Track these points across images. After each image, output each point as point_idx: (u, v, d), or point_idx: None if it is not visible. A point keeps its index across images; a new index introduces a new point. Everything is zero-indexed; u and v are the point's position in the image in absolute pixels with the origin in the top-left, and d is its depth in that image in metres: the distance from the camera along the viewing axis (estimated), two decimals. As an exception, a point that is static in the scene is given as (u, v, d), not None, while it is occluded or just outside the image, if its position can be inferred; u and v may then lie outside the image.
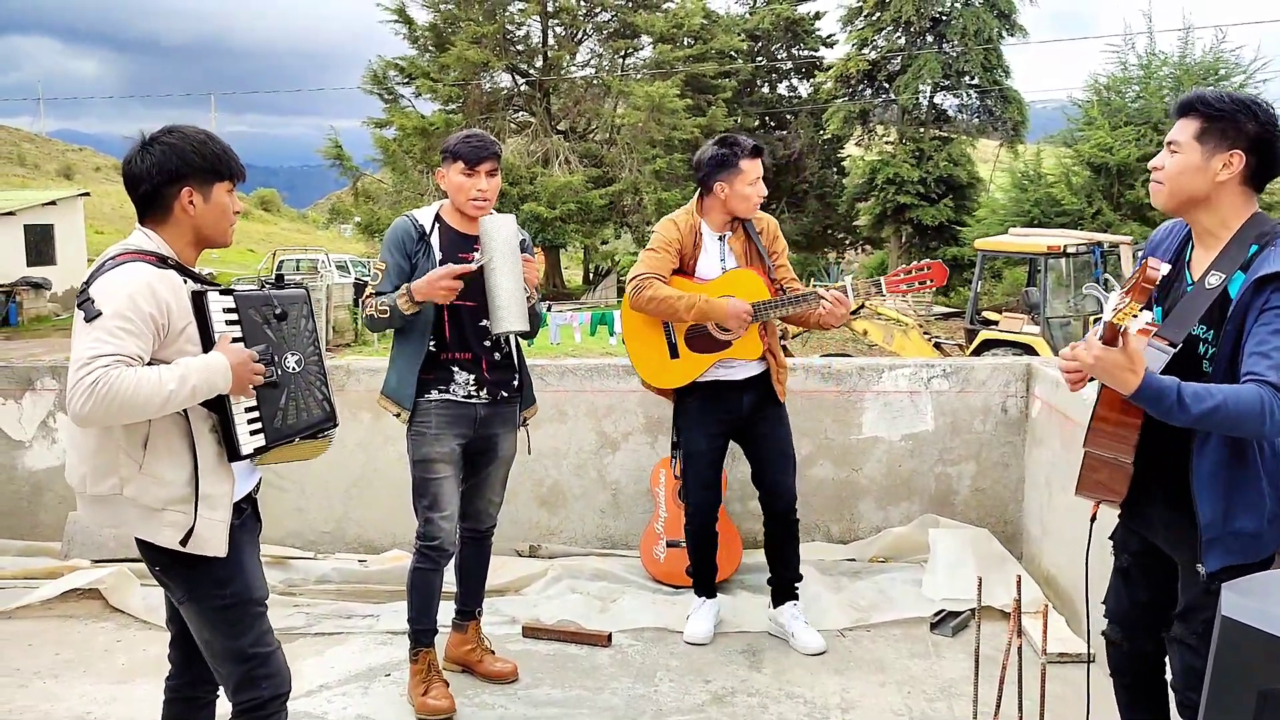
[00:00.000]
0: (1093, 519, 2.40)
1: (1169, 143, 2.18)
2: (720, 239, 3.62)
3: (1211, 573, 2.12)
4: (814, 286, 3.41)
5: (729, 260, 3.61)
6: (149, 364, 2.10)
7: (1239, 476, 2.10)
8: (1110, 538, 2.48)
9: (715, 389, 3.64)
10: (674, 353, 3.65)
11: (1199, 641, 2.15)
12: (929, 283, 3.18)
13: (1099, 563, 2.51)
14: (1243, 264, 2.09)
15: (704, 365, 3.60)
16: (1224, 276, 2.09)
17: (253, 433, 2.24)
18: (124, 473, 2.17)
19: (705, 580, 3.89)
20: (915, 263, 3.26)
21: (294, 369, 2.35)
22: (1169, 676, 2.38)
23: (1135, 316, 1.93)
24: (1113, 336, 1.96)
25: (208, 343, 2.19)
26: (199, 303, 2.20)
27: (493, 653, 3.56)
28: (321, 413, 2.43)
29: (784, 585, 3.79)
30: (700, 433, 3.69)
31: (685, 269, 3.63)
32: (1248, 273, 2.06)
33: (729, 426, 3.70)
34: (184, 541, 2.19)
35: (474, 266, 3.09)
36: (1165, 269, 2.01)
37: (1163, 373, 2.07)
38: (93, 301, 2.07)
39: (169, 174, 2.21)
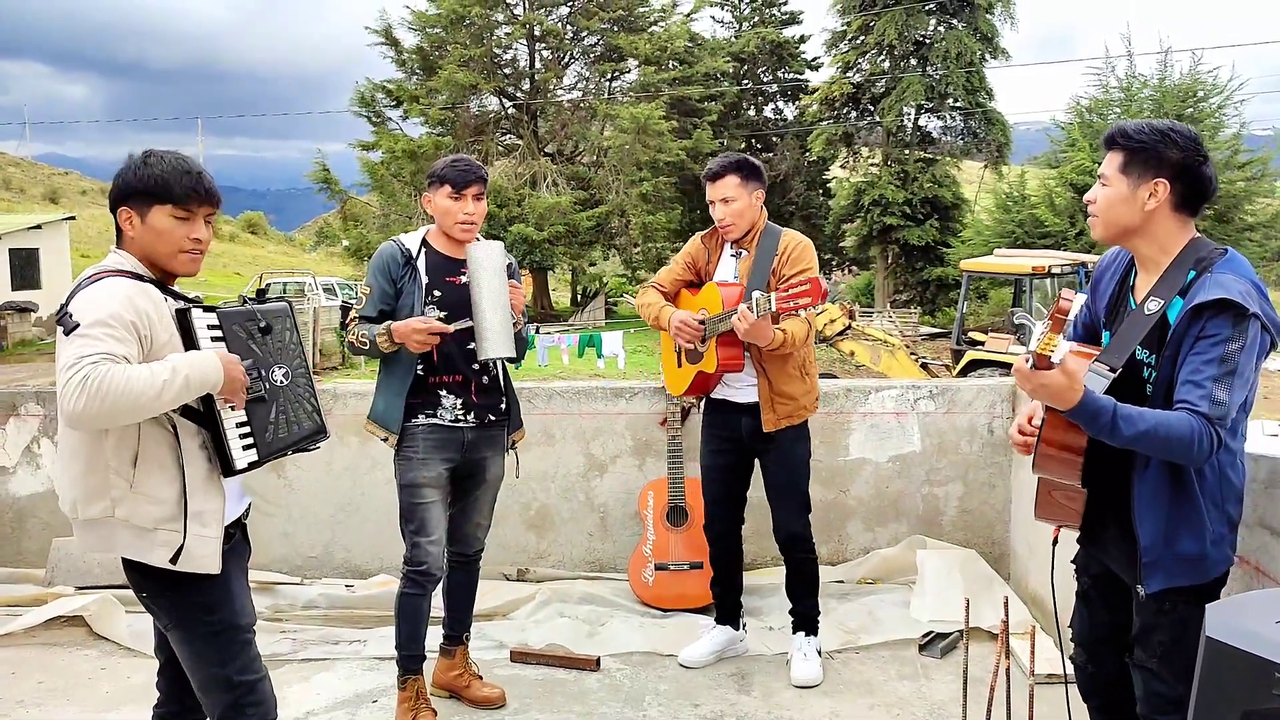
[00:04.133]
0: (1054, 542, 2.42)
1: (1099, 176, 2.23)
2: (735, 255, 3.64)
3: (1152, 594, 2.14)
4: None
5: (734, 275, 3.62)
6: None
7: (1180, 500, 2.12)
8: (1072, 561, 2.50)
9: (721, 407, 3.68)
10: (679, 361, 3.73)
11: (1159, 664, 2.16)
12: (807, 300, 3.13)
13: (1067, 586, 2.52)
14: (1181, 289, 2.11)
15: (689, 375, 3.64)
16: (1162, 302, 2.13)
17: (245, 448, 2.25)
18: (115, 493, 2.16)
19: (719, 601, 3.88)
20: (799, 278, 3.23)
21: (281, 382, 2.36)
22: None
23: (1056, 347, 1.97)
24: (1045, 364, 1.99)
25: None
26: (184, 320, 2.20)
27: (480, 678, 3.54)
28: (312, 424, 2.43)
29: (794, 616, 3.77)
30: (706, 448, 3.77)
31: (704, 280, 3.70)
32: (1185, 299, 2.09)
33: (732, 446, 3.68)
34: (174, 559, 2.17)
35: (453, 329, 3.10)
36: (1080, 300, 2.05)
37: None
38: (71, 315, 2.08)
39: (115, 195, 2.24)
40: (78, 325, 2.05)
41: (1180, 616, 2.10)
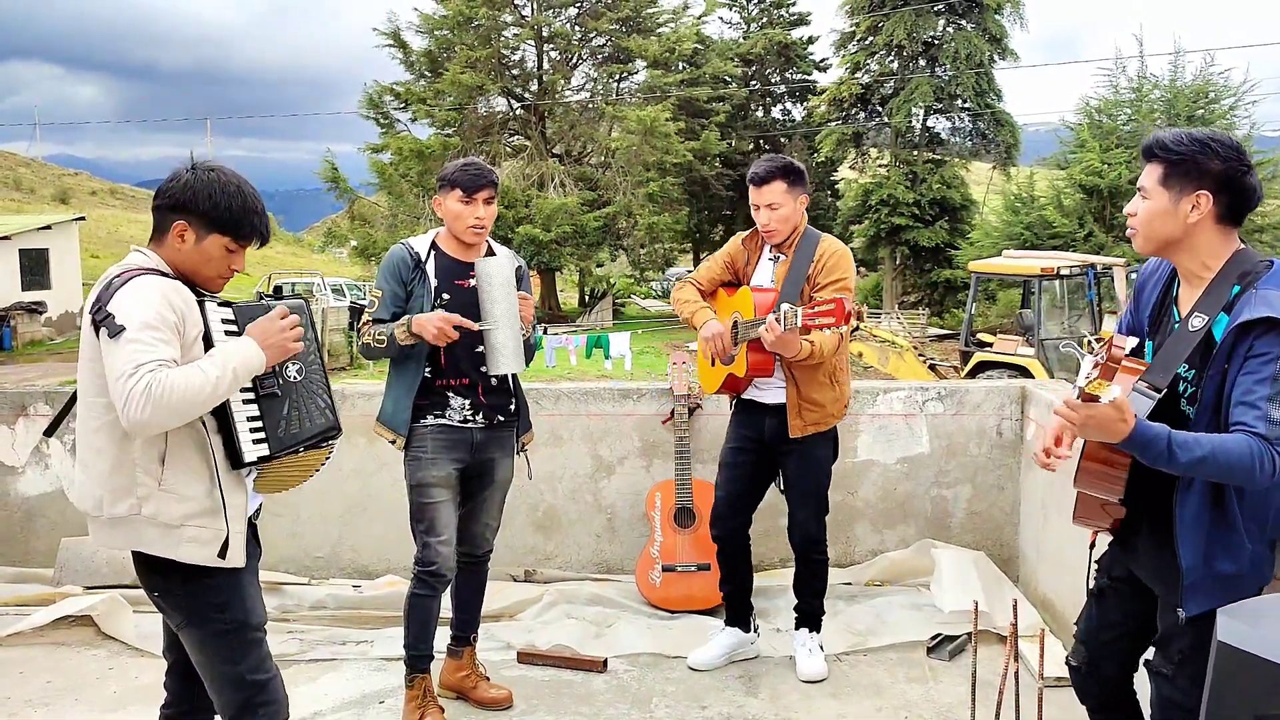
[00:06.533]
0: (1091, 545, 2.40)
1: (1139, 188, 2.16)
2: (773, 259, 3.65)
3: (1191, 617, 2.11)
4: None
5: (771, 279, 3.62)
6: None
7: (1219, 520, 2.07)
8: (1096, 561, 2.48)
9: (748, 407, 3.69)
10: (711, 360, 3.73)
11: (1175, 671, 2.13)
12: (830, 320, 3.09)
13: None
14: (1225, 305, 2.06)
15: (721, 375, 3.65)
16: (1207, 318, 2.06)
17: (256, 442, 2.27)
18: (141, 491, 2.18)
19: (728, 601, 3.87)
20: (827, 298, 3.20)
21: (295, 378, 2.37)
22: (1144, 703, 2.37)
23: (1105, 391, 1.91)
24: (1091, 399, 1.93)
25: (209, 344, 2.21)
26: (200, 306, 2.23)
27: (488, 679, 3.54)
28: (325, 421, 2.44)
29: (799, 613, 3.78)
30: (729, 445, 3.77)
31: (742, 281, 3.71)
32: (1230, 315, 2.03)
33: (755, 445, 3.68)
34: (222, 554, 2.21)
35: (477, 327, 3.10)
36: (1131, 344, 1.98)
37: (1148, 417, 2.06)
38: (114, 317, 2.08)
39: (175, 202, 2.24)
40: (123, 329, 2.07)
41: (1202, 626, 2.08)
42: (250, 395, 2.26)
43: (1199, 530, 2.08)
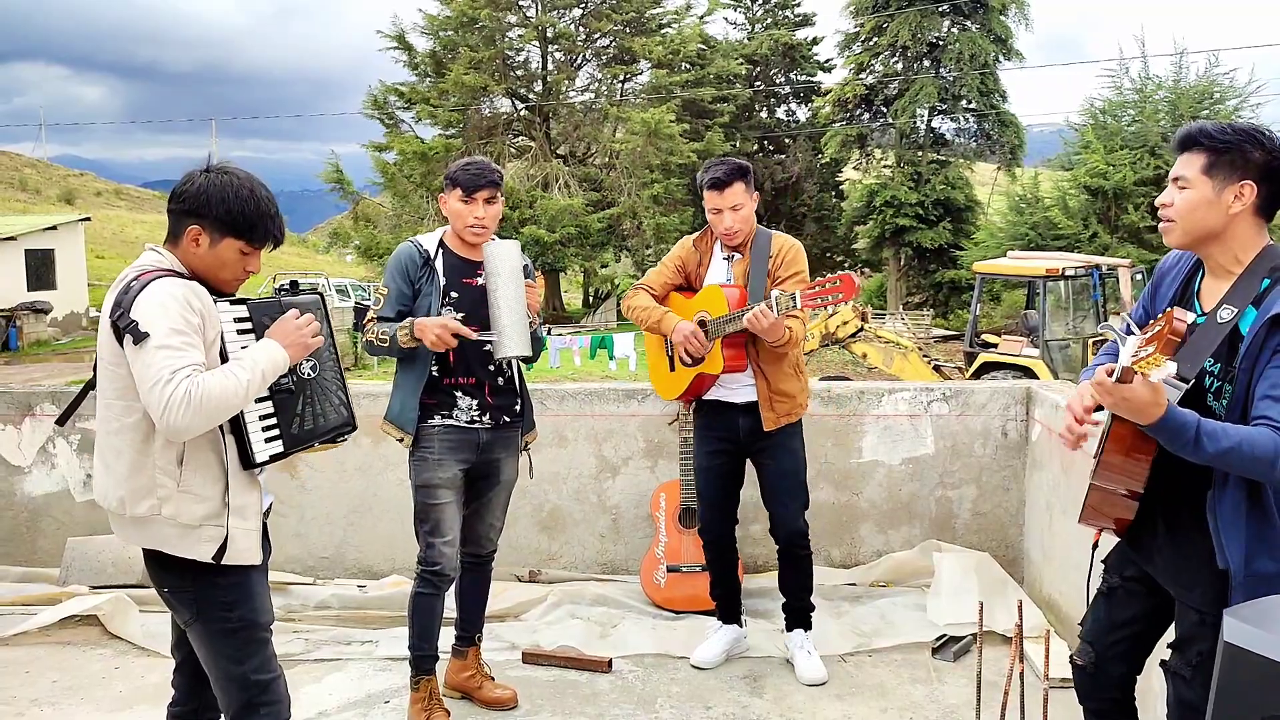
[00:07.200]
0: (1094, 546, 2.39)
1: (1175, 179, 2.13)
2: (727, 258, 3.66)
3: (1193, 607, 2.08)
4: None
5: (728, 278, 3.64)
6: None
7: (1257, 518, 2.05)
8: (1103, 560, 2.47)
9: (716, 408, 3.69)
10: (671, 365, 3.74)
11: (1193, 673, 2.12)
12: (839, 296, 3.14)
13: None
14: (1255, 299, 2.03)
15: (687, 378, 3.64)
16: (1236, 311, 2.04)
17: (269, 440, 2.28)
18: (162, 493, 2.19)
19: (721, 603, 3.88)
20: (829, 275, 3.24)
21: (310, 375, 2.38)
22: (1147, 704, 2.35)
23: (1159, 367, 1.85)
24: (1129, 379, 1.90)
25: (224, 344, 2.23)
26: None
27: (492, 679, 3.54)
28: (339, 417, 2.45)
29: (790, 613, 3.79)
30: (702, 449, 3.76)
31: (693, 284, 3.71)
32: (1260, 309, 2.01)
33: (730, 446, 3.69)
34: (219, 556, 2.21)
35: (475, 336, 3.11)
36: (1190, 318, 1.95)
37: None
38: (137, 324, 2.08)
39: (189, 207, 2.24)
40: (147, 335, 2.07)
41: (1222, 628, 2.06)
42: (264, 393, 2.27)
43: (1238, 529, 2.04)
